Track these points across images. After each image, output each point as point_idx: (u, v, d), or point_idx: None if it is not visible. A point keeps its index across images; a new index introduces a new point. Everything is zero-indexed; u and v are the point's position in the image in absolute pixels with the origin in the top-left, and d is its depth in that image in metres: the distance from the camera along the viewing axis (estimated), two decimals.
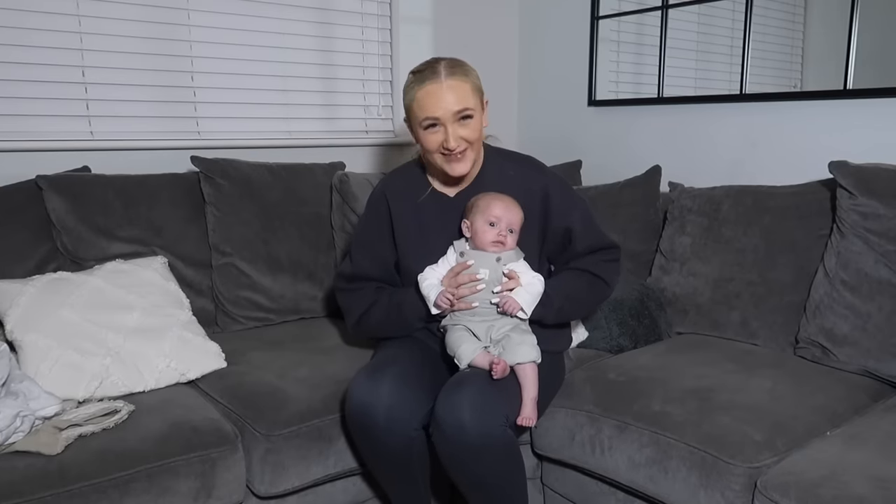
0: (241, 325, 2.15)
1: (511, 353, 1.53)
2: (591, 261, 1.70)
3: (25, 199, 1.91)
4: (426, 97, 1.54)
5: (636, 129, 2.66)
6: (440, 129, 1.56)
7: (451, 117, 1.54)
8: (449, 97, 1.53)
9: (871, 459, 1.31)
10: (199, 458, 1.47)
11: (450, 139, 1.55)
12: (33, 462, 1.35)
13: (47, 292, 1.70)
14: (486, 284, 1.56)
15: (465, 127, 1.57)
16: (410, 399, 1.49)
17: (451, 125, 1.55)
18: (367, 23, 2.67)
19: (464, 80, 1.56)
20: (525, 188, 1.67)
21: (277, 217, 2.22)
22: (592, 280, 1.70)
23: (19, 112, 2.04)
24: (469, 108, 1.55)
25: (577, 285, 1.70)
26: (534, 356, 1.53)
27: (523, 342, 1.54)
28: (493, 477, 1.47)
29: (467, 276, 1.56)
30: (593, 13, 2.74)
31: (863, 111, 2.05)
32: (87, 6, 2.10)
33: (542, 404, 1.70)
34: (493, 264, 1.57)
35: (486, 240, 1.57)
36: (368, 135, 2.73)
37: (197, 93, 2.34)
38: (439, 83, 1.54)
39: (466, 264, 1.57)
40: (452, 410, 1.42)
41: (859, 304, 1.76)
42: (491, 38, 2.96)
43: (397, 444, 1.49)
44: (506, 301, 1.54)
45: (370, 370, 1.54)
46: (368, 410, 1.47)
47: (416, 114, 1.58)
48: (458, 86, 1.55)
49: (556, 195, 1.68)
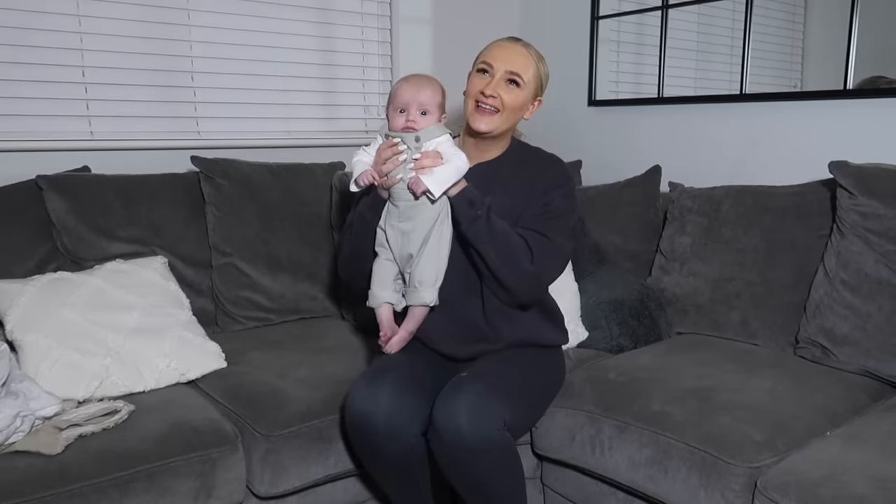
0: (241, 325, 2.15)
1: (411, 295, 1.55)
2: (532, 237, 1.57)
3: (25, 199, 1.91)
4: (496, 47, 1.64)
5: (636, 129, 2.66)
6: (487, 77, 1.60)
7: (503, 73, 1.59)
8: (513, 57, 1.61)
9: (871, 459, 1.31)
10: (199, 458, 1.47)
11: (489, 87, 1.58)
12: (33, 462, 1.35)
13: (47, 292, 1.70)
14: (405, 164, 1.51)
15: (509, 91, 1.60)
16: (410, 405, 1.49)
17: (498, 78, 1.59)
18: (367, 23, 2.67)
19: (535, 60, 1.63)
20: (539, 169, 1.67)
21: (277, 217, 2.22)
22: (522, 245, 1.55)
23: (19, 112, 2.04)
24: (522, 77, 1.60)
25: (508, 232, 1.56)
26: (427, 299, 1.53)
27: (423, 283, 1.52)
28: (492, 481, 1.47)
29: (390, 151, 1.50)
30: (593, 13, 2.74)
31: (863, 111, 2.05)
32: (87, 6, 2.10)
33: (542, 404, 1.71)
34: (412, 143, 1.51)
35: (397, 126, 1.54)
36: (368, 135, 2.73)
37: (197, 93, 2.34)
38: (514, 43, 1.64)
39: (391, 143, 1.51)
40: (449, 416, 1.41)
41: (859, 304, 1.76)
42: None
43: (397, 450, 1.49)
44: (412, 182, 1.47)
45: (369, 376, 1.54)
46: (368, 417, 1.47)
47: (480, 58, 1.64)
48: (526, 57, 1.62)
49: (549, 177, 1.64)
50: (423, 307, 1.55)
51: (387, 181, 1.50)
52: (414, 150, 1.50)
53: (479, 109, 1.60)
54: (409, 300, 1.56)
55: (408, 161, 1.50)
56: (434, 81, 1.59)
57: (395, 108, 1.54)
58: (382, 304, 1.58)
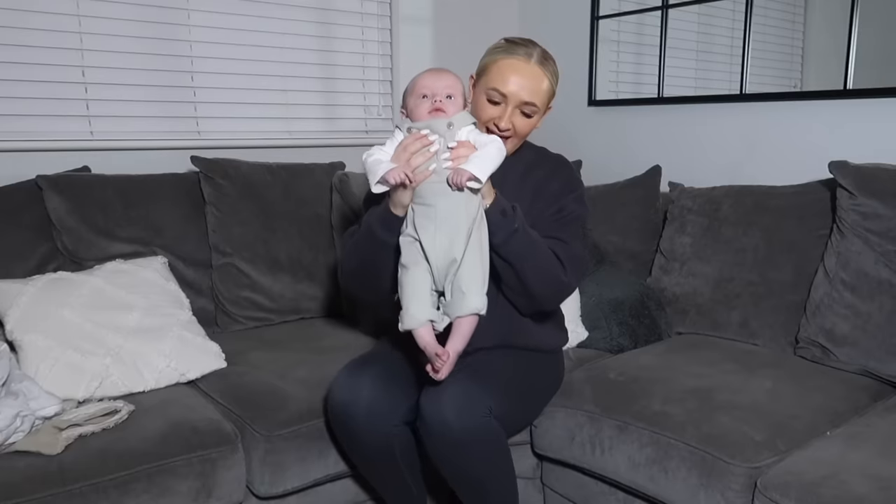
0: (241, 325, 2.14)
1: (456, 304, 1.37)
2: (558, 246, 1.54)
3: (25, 199, 1.91)
4: (508, 68, 1.53)
5: (636, 129, 2.66)
6: (500, 107, 1.54)
7: (517, 103, 1.54)
8: (526, 84, 1.53)
9: (871, 459, 1.31)
10: (199, 458, 1.47)
11: (503, 119, 1.54)
12: (33, 462, 1.35)
13: (47, 292, 1.70)
14: (439, 154, 1.39)
15: (523, 119, 1.56)
16: (392, 394, 1.49)
17: (511, 109, 1.54)
18: (367, 23, 2.67)
19: (549, 78, 1.56)
20: (548, 172, 1.65)
21: (277, 217, 2.22)
22: (553, 258, 1.53)
23: (19, 112, 2.04)
24: (536, 105, 1.55)
25: (541, 243, 1.51)
26: (478, 305, 1.36)
27: (470, 289, 1.36)
28: (481, 469, 1.47)
29: (418, 143, 1.39)
30: (593, 13, 2.74)
31: (863, 111, 2.05)
32: (87, 6, 2.10)
33: (540, 405, 1.71)
34: (445, 131, 1.39)
35: (423, 113, 1.43)
36: (368, 135, 2.73)
37: (197, 93, 2.34)
38: (527, 63, 1.54)
39: (419, 134, 1.40)
40: (435, 405, 1.41)
41: (859, 304, 1.76)
42: (491, 38, 2.91)
43: (377, 440, 1.50)
44: (453, 174, 1.35)
45: (351, 367, 1.54)
46: (349, 409, 1.48)
47: (489, 77, 1.55)
48: (540, 78, 1.55)
49: (561, 181, 1.63)
50: (473, 318, 1.38)
51: (418, 176, 1.37)
52: (448, 139, 1.40)
53: None
54: (454, 312, 1.38)
55: (440, 151, 1.39)
56: (453, 73, 1.51)
57: (418, 96, 1.45)
58: (424, 322, 1.38)
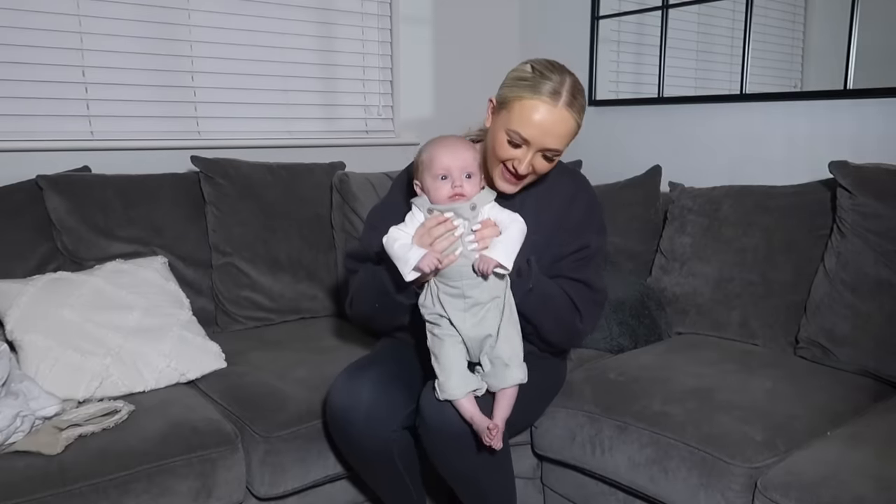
0: (241, 325, 2.15)
1: (500, 376, 1.39)
2: (576, 290, 1.54)
3: (25, 199, 1.91)
4: (533, 112, 1.39)
5: (636, 129, 2.66)
6: (521, 150, 1.43)
7: (539, 148, 1.42)
8: (552, 130, 1.40)
9: (871, 459, 1.31)
10: (199, 459, 1.47)
11: (522, 165, 1.43)
12: (33, 462, 1.35)
13: (47, 292, 1.70)
14: (463, 238, 1.38)
15: (543, 162, 1.46)
16: (392, 398, 1.48)
17: (532, 153, 1.43)
18: (367, 23, 2.67)
19: (575, 118, 1.43)
20: (568, 201, 1.60)
21: (277, 217, 2.22)
22: (571, 307, 1.54)
23: (19, 112, 2.04)
24: (560, 150, 1.45)
25: (557, 295, 1.53)
26: (521, 377, 1.40)
27: (512, 361, 1.39)
28: (480, 467, 1.46)
29: (443, 227, 1.37)
30: (593, 13, 2.74)
31: (863, 111, 2.05)
32: (87, 6, 2.10)
33: (541, 405, 1.71)
34: (468, 213, 1.38)
35: (442, 198, 1.39)
36: (368, 135, 2.73)
37: (197, 93, 2.34)
38: (554, 107, 1.39)
39: (442, 217, 1.38)
40: (436, 403, 1.40)
41: (859, 304, 1.76)
42: (491, 37, 2.96)
43: (376, 445, 1.49)
44: (478, 262, 1.35)
45: (351, 370, 1.53)
46: (348, 414, 1.46)
47: (510, 116, 1.42)
48: (567, 121, 1.41)
49: (583, 212, 1.59)
50: (516, 387, 1.40)
51: (444, 260, 1.35)
52: (472, 220, 1.38)
53: (507, 175, 1.48)
54: (498, 384, 1.38)
55: (465, 234, 1.37)
56: (467, 142, 1.46)
57: (435, 177, 1.39)
58: (467, 394, 1.37)
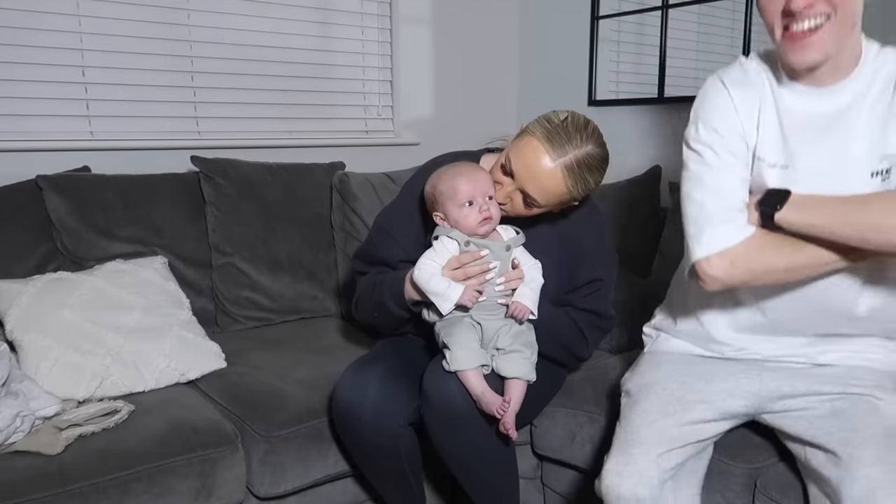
0: (241, 325, 2.15)
1: (507, 365, 1.44)
2: (586, 320, 1.59)
3: (25, 199, 1.91)
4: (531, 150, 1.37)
5: (636, 129, 2.66)
6: (507, 180, 1.42)
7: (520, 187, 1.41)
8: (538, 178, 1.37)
9: None
10: (199, 458, 1.47)
11: (500, 193, 1.43)
12: (33, 462, 1.35)
13: (47, 292, 1.70)
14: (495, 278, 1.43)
15: (522, 207, 1.45)
16: (399, 394, 1.48)
17: (514, 190, 1.42)
18: (367, 23, 2.67)
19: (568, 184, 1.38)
20: (576, 225, 1.58)
21: (277, 217, 2.22)
22: (579, 337, 1.60)
23: (19, 112, 2.04)
24: (538, 202, 1.41)
25: (565, 327, 1.59)
26: (528, 374, 1.45)
27: (524, 357, 1.45)
28: (481, 448, 1.46)
29: (478, 267, 1.40)
30: (593, 13, 2.74)
31: None
32: (87, 6, 2.10)
33: (541, 405, 1.71)
34: (504, 254, 1.44)
35: (472, 224, 1.41)
36: (368, 135, 2.73)
37: (197, 93, 2.33)
38: (551, 161, 1.35)
39: (479, 254, 1.41)
40: (440, 380, 1.41)
41: None
42: (491, 38, 2.96)
43: (384, 440, 1.49)
44: (514, 308, 1.43)
45: (357, 366, 1.54)
46: (355, 409, 1.47)
47: (518, 143, 1.40)
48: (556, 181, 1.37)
49: (595, 242, 1.60)
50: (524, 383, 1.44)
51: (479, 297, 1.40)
52: (505, 261, 1.44)
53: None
54: (509, 368, 1.43)
55: (497, 273, 1.42)
56: (476, 164, 1.49)
57: (461, 205, 1.40)
58: (476, 367, 1.39)
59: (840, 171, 1.20)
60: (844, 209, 1.14)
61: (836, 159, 1.20)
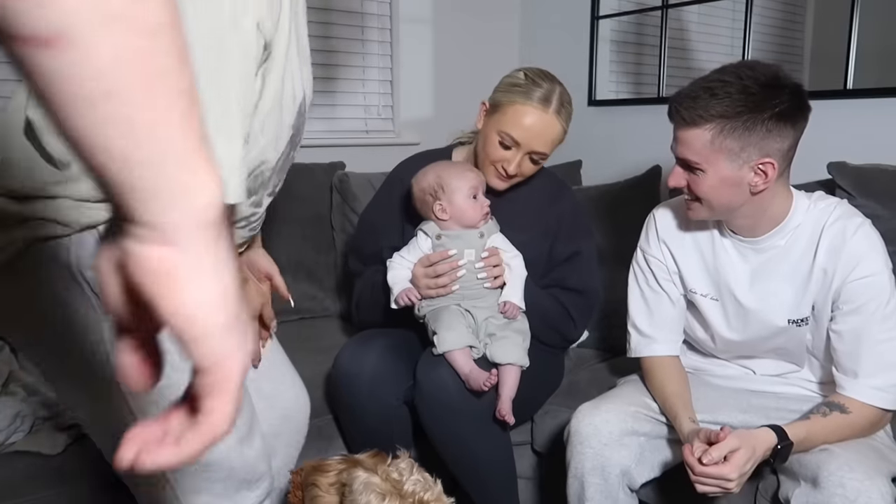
0: None
1: (499, 351, 1.46)
2: (571, 301, 1.66)
3: None
4: (524, 116, 1.52)
5: (636, 129, 2.66)
6: (511, 151, 1.54)
7: (528, 151, 1.54)
8: (541, 134, 1.52)
9: None
10: None
11: (511, 166, 1.54)
12: (33, 462, 1.35)
13: None
14: (469, 265, 1.49)
15: (530, 165, 1.58)
16: (396, 368, 1.51)
17: (522, 156, 1.54)
18: (368, 23, 2.67)
19: (562, 125, 1.56)
20: (549, 201, 1.68)
21: (277, 217, 2.22)
22: (566, 317, 1.67)
23: None
24: (546, 154, 1.57)
25: (552, 309, 1.65)
26: (521, 359, 1.47)
27: (515, 343, 1.47)
28: (474, 436, 1.47)
29: (447, 265, 1.47)
30: (593, 13, 2.74)
31: (863, 111, 2.05)
32: None
33: (538, 402, 1.71)
34: (477, 241, 1.50)
35: (475, 217, 1.50)
36: (368, 135, 2.73)
37: None
38: (545, 113, 1.52)
39: (447, 253, 1.48)
40: (434, 369, 1.43)
41: None
42: (491, 38, 2.96)
43: (379, 412, 1.51)
44: (506, 309, 1.49)
45: (356, 341, 1.57)
46: (353, 379, 1.50)
47: (503, 119, 1.53)
48: (554, 127, 1.54)
49: (568, 217, 1.68)
50: (517, 369, 1.47)
51: (441, 292, 1.47)
52: (479, 249, 1.49)
53: (499, 175, 1.58)
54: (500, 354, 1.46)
55: (475, 261, 1.48)
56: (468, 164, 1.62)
57: (468, 196, 1.50)
58: (463, 346, 1.44)
59: (762, 313, 1.38)
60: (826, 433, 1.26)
61: (759, 302, 1.37)
